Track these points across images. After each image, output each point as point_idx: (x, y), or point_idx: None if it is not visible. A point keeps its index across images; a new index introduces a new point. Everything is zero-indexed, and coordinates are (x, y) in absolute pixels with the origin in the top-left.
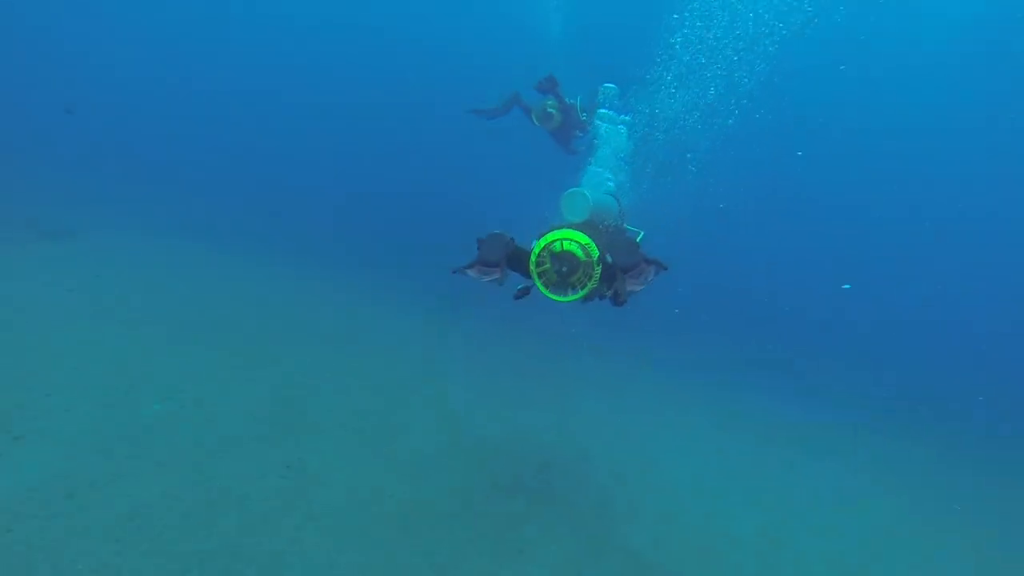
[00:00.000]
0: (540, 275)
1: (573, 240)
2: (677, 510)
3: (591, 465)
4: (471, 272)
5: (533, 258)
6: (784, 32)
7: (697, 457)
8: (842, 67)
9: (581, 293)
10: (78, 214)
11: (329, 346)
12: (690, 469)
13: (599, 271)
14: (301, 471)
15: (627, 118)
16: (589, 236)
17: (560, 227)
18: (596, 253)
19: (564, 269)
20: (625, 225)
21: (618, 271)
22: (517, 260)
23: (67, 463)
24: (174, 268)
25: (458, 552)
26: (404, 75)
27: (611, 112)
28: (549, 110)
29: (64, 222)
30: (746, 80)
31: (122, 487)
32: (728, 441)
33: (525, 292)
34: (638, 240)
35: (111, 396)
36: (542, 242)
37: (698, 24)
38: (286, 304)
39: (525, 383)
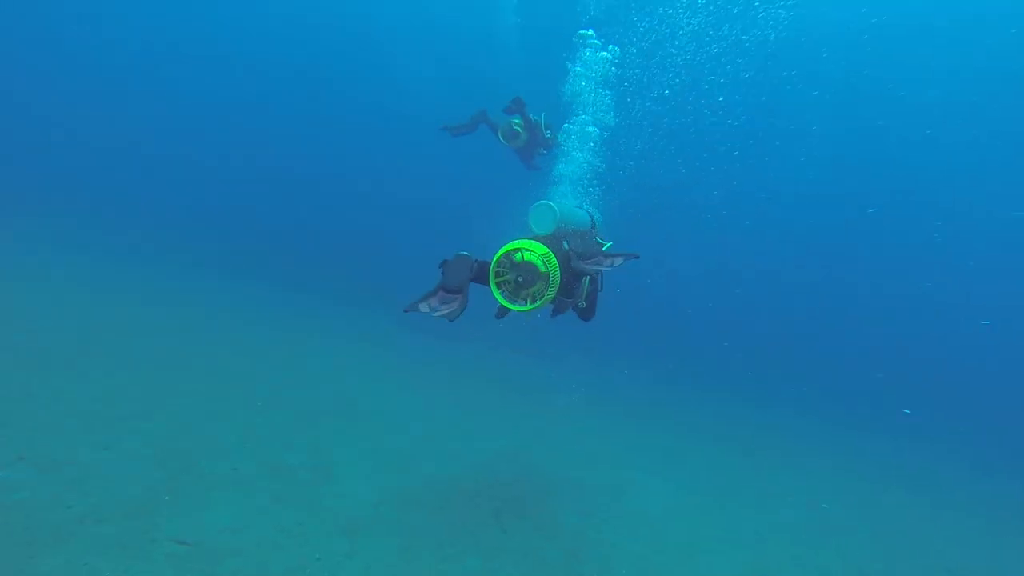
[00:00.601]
0: (499, 285)
1: (532, 250)
2: (653, 550)
3: (554, 502)
4: (427, 305)
5: (492, 268)
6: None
7: (668, 484)
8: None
9: (539, 303)
10: None
11: (236, 383)
12: (662, 498)
13: (558, 279)
14: (199, 546)
15: (615, 48)
16: (549, 247)
17: (521, 238)
18: (555, 263)
19: (521, 279)
20: (597, 239)
21: (572, 255)
22: (483, 274)
23: None
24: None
25: None
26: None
27: (591, 38)
28: (515, 128)
29: None
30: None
31: None
32: (700, 466)
33: (506, 311)
34: (604, 248)
35: None
36: (500, 252)
37: None
38: (181, 333)
39: (477, 412)
